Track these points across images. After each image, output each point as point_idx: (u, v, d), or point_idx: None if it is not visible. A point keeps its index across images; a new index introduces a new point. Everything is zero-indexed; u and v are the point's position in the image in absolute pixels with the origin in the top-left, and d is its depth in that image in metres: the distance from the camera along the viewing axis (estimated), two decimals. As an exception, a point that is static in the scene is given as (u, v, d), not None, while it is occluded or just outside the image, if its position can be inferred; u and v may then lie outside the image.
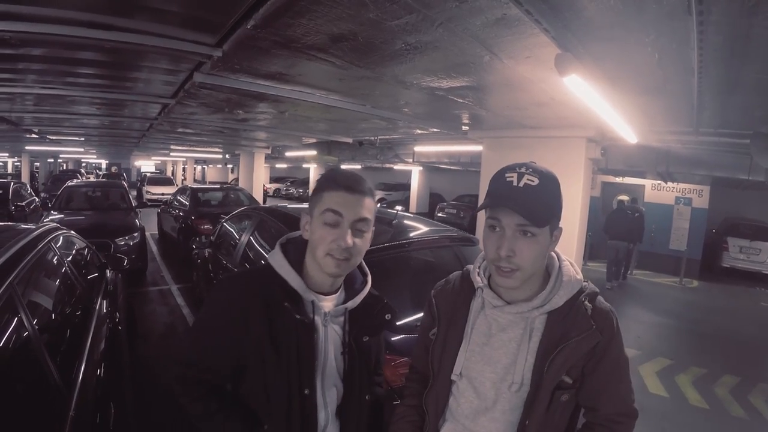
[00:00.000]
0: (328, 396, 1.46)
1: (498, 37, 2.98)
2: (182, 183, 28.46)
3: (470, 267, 1.51)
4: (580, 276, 1.38)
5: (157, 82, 5.19)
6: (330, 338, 1.46)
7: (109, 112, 7.93)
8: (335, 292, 1.49)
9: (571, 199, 5.98)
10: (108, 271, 4.04)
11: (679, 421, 4.53)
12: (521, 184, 1.26)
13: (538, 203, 1.24)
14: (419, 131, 9.42)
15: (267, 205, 5.56)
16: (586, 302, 1.33)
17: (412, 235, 3.64)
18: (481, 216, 1.41)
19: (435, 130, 8.45)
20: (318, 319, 1.43)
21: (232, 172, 36.76)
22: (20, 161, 26.97)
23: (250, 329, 1.35)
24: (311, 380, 1.39)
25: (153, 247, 10.94)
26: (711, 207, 13.19)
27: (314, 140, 13.31)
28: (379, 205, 19.28)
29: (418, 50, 3.37)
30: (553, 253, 1.42)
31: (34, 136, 12.00)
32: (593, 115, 4.62)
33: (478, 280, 1.43)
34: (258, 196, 16.10)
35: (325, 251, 1.35)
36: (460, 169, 18.18)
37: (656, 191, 13.74)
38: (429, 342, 1.52)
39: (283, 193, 31.37)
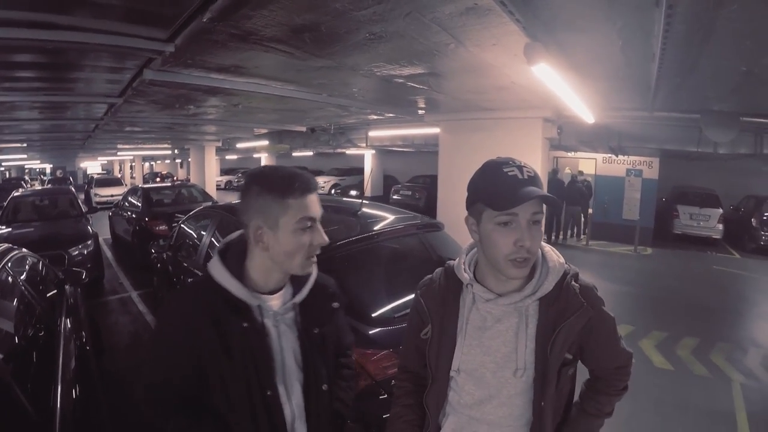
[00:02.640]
0: (292, 392, 1.46)
1: (466, 26, 2.94)
2: (131, 182, 27.59)
3: (452, 263, 1.53)
4: (562, 260, 1.43)
5: (102, 81, 4.93)
6: (283, 335, 1.46)
7: (52, 115, 7.56)
8: (281, 289, 1.48)
9: None
10: (67, 286, 3.84)
11: (646, 383, 4.68)
12: (526, 176, 1.31)
13: (541, 188, 1.31)
14: (374, 116, 9.36)
15: (224, 203, 5.40)
16: (573, 283, 1.39)
17: (379, 226, 3.61)
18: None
19: (391, 115, 8.42)
20: (268, 322, 1.42)
21: (181, 167, 35.74)
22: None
23: (203, 343, 1.34)
24: (271, 381, 1.40)
25: (108, 253, 10.51)
26: (661, 177, 13.66)
27: (266, 130, 13.05)
28: (333, 191, 19.14)
29: (383, 39, 3.30)
30: None
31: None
32: (552, 96, 4.67)
33: (466, 277, 1.45)
34: (211, 190, 15.73)
35: (305, 255, 1.37)
36: (414, 150, 18.27)
37: (607, 164, 14.15)
38: (420, 342, 1.53)
39: (235, 184, 30.73)
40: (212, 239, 4.51)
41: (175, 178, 29.77)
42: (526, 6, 2.63)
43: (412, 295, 1.85)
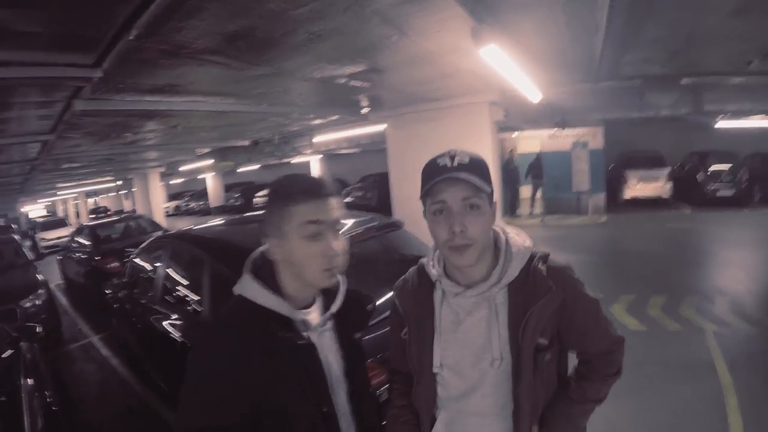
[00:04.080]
0: (339, 402, 1.41)
1: (409, 15, 2.88)
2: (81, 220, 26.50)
3: (425, 260, 1.51)
4: (528, 243, 1.42)
5: (33, 118, 4.62)
6: (327, 348, 1.40)
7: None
8: (314, 302, 1.41)
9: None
10: (22, 343, 3.58)
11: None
12: (455, 164, 1.29)
13: (475, 174, 1.28)
14: (318, 121, 9.24)
15: (174, 231, 5.18)
16: (540, 266, 1.37)
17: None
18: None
19: (334, 117, 8.31)
20: (313, 335, 1.34)
21: (126, 198, 34.59)
22: None
23: (253, 374, 1.19)
24: (326, 397, 1.35)
25: (62, 299, 9.92)
26: (607, 146, 14.02)
27: (208, 149, 12.74)
28: None
29: (322, 38, 3.19)
30: (497, 228, 1.45)
31: None
32: (498, 79, 4.66)
33: (434, 273, 1.45)
34: (159, 218, 15.25)
35: (319, 267, 1.26)
36: (360, 151, 18.25)
37: (553, 140, 14.42)
38: (403, 342, 1.53)
39: (183, 209, 29.95)
40: (167, 271, 4.29)
41: (109, 211, 28.79)
42: (471, -12, 2.58)
43: (381, 300, 1.80)
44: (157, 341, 3.91)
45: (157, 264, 4.53)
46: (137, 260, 5.19)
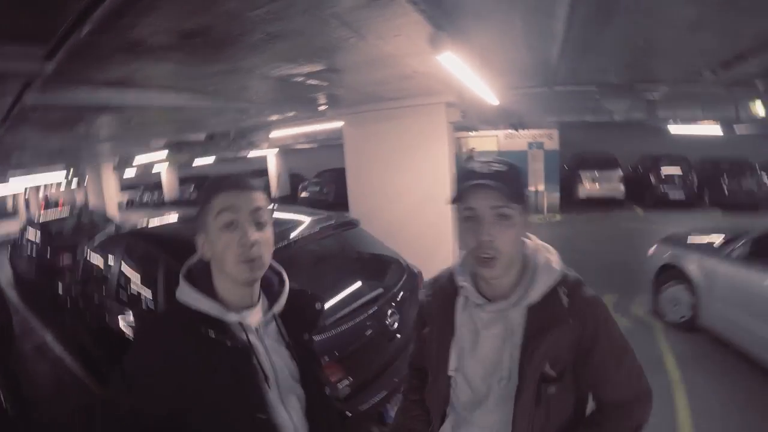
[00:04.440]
0: (289, 406, 1.35)
1: (368, 19, 2.90)
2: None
3: (456, 264, 1.53)
4: (556, 266, 1.38)
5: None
6: (271, 349, 1.36)
7: None
8: (256, 303, 1.38)
9: (439, 160, 6.31)
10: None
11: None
12: (489, 170, 1.27)
13: (508, 182, 1.25)
14: (275, 117, 9.15)
15: (128, 228, 5.10)
16: (563, 294, 1.33)
17: (295, 232, 3.51)
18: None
19: (291, 114, 8.23)
20: (252, 338, 1.32)
21: (79, 191, 33.40)
22: None
23: (183, 374, 1.20)
24: (263, 403, 1.29)
25: (13, 296, 9.55)
26: (563, 147, 14.36)
27: (163, 142, 12.46)
28: None
29: (280, 38, 3.17)
30: (529, 242, 1.43)
31: None
32: (455, 82, 4.72)
33: (460, 279, 1.45)
34: (112, 212, 14.81)
35: (233, 258, 1.25)
36: (317, 146, 18.23)
37: (510, 140, 14.74)
38: (424, 339, 1.58)
39: (137, 202, 29.24)
40: (121, 269, 4.23)
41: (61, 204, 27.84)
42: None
43: (340, 298, 1.83)
44: (112, 340, 3.85)
45: (112, 262, 4.44)
46: (90, 257, 5.09)
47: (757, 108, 7.85)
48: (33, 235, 9.62)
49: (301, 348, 1.46)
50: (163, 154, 13.83)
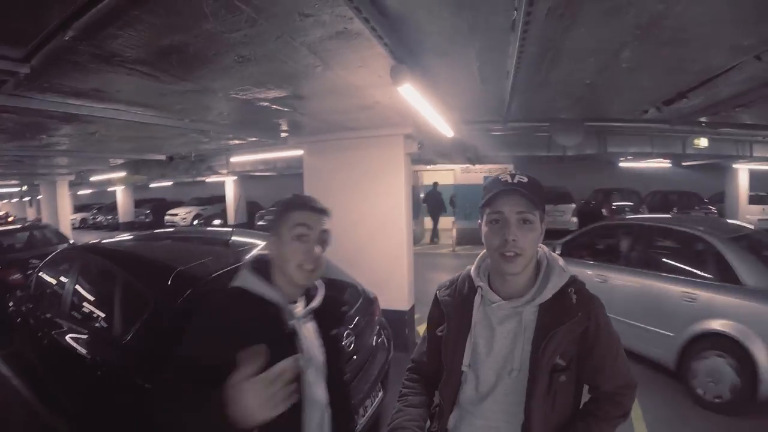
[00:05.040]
0: (316, 390, 1.62)
1: (335, 50, 3.09)
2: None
3: (471, 268, 1.70)
4: (567, 271, 1.57)
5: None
6: (309, 338, 1.66)
7: None
8: (300, 300, 1.71)
9: (395, 191, 6.41)
10: None
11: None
12: (516, 181, 1.49)
13: (531, 192, 1.47)
14: (236, 141, 9.22)
15: (83, 243, 5.06)
16: (572, 292, 1.53)
17: (252, 254, 3.54)
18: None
19: (253, 139, 8.35)
20: (296, 324, 1.61)
21: (30, 205, 32.22)
22: None
23: (240, 340, 1.36)
24: (300, 378, 1.51)
25: None
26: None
27: (122, 161, 12.32)
28: (195, 222, 18.44)
29: (251, 62, 3.34)
30: (541, 249, 1.62)
31: None
32: (414, 114, 4.94)
33: (478, 280, 1.62)
34: (65, 230, 14.44)
35: (297, 263, 1.57)
36: (276, 174, 18.38)
37: (465, 173, 15.34)
38: (436, 338, 1.70)
39: (91, 222, 28.27)
40: (76, 286, 4.18)
41: (11, 217, 26.83)
42: (394, 31, 2.86)
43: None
44: (63, 359, 3.78)
45: (64, 278, 4.40)
46: (43, 273, 5.01)
47: (701, 142, 8.48)
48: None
49: (330, 341, 1.77)
50: (121, 173, 13.67)
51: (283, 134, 7.27)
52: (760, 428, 4.21)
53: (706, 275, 4.75)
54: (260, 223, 19.93)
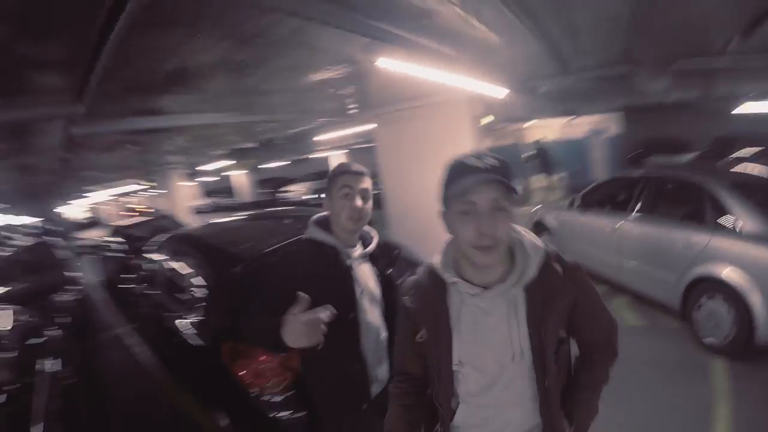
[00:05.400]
0: (370, 315, 2.06)
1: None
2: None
3: (432, 262, 1.58)
4: (539, 243, 1.49)
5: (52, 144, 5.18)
6: (366, 275, 2.11)
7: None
8: (356, 246, 2.11)
9: None
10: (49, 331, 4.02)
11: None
12: (487, 165, 1.35)
13: (505, 176, 1.34)
14: (320, 120, 9.53)
15: (176, 231, 5.54)
16: (555, 265, 1.46)
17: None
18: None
19: (326, 119, 8.66)
20: (352, 263, 2.05)
21: (155, 199, 34.94)
22: None
23: (312, 279, 1.88)
24: (353, 307, 1.99)
25: (99, 294, 10.04)
26: (626, 133, 13.94)
27: (226, 151, 13.35)
28: (316, 195, 18.79)
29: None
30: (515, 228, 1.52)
31: None
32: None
33: (449, 276, 1.50)
34: (185, 217, 15.67)
35: (347, 215, 1.98)
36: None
37: (567, 128, 14.50)
38: (417, 346, 1.60)
39: (215, 206, 30.05)
40: (172, 269, 4.58)
41: (139, 211, 29.39)
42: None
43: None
44: (167, 337, 4.17)
45: (164, 261, 4.91)
46: (150, 258, 5.63)
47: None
48: (116, 240, 10.54)
49: (385, 278, 2.18)
50: (231, 161, 14.67)
51: (351, 111, 7.42)
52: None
53: (707, 221, 4.77)
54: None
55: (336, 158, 22.35)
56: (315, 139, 13.01)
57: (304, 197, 23.68)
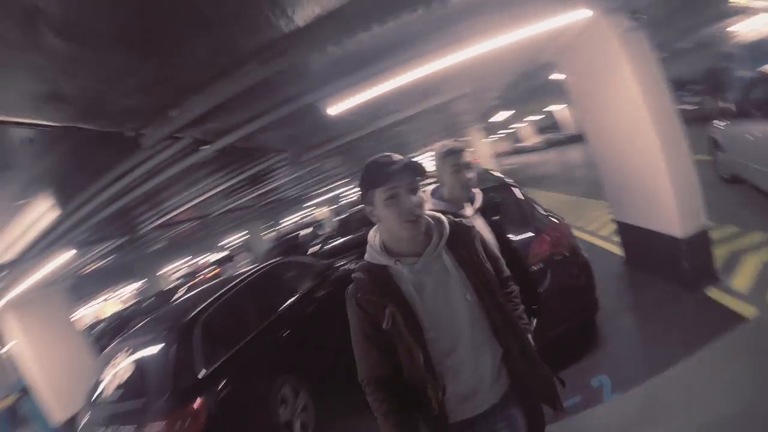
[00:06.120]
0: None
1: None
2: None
3: (366, 259, 1.78)
4: (442, 215, 1.84)
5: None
6: (481, 227, 2.39)
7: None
8: (465, 206, 2.47)
9: (624, 93, 4.59)
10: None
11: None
12: (396, 160, 1.66)
13: (414, 167, 1.65)
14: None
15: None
16: (460, 221, 1.87)
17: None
18: None
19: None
20: (470, 220, 2.29)
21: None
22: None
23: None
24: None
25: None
26: None
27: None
28: None
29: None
30: None
31: None
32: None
33: (384, 261, 1.72)
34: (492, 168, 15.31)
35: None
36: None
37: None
38: (382, 339, 1.67)
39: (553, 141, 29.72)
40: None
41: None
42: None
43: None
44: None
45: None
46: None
47: None
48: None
49: (494, 224, 2.51)
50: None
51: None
52: None
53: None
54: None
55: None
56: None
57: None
